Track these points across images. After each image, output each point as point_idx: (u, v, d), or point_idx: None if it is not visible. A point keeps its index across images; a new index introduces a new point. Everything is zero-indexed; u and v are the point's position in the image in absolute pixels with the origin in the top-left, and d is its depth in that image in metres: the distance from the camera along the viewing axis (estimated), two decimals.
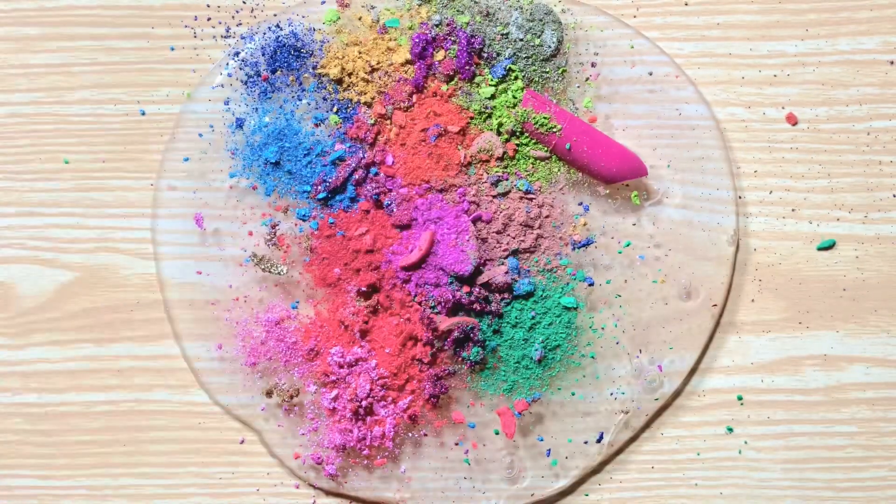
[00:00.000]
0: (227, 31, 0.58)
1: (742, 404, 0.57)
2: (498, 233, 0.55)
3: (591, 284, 0.56)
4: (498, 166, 0.55)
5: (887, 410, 0.56)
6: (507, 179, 0.55)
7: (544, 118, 0.55)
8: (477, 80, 0.56)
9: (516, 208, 0.55)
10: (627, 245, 0.56)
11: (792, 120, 0.58)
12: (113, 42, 0.58)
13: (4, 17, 0.59)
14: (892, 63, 0.58)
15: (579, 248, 0.56)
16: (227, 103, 0.57)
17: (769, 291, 0.57)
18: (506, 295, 0.55)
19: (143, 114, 0.58)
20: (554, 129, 0.55)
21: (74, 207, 0.58)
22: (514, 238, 0.55)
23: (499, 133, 0.55)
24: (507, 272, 0.54)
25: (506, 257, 0.55)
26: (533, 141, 0.55)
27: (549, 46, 0.56)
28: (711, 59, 0.58)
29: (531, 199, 0.55)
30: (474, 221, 0.55)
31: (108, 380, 0.57)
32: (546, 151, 0.56)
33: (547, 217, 0.56)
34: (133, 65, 0.58)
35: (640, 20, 0.58)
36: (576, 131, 0.55)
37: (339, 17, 0.57)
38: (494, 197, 0.55)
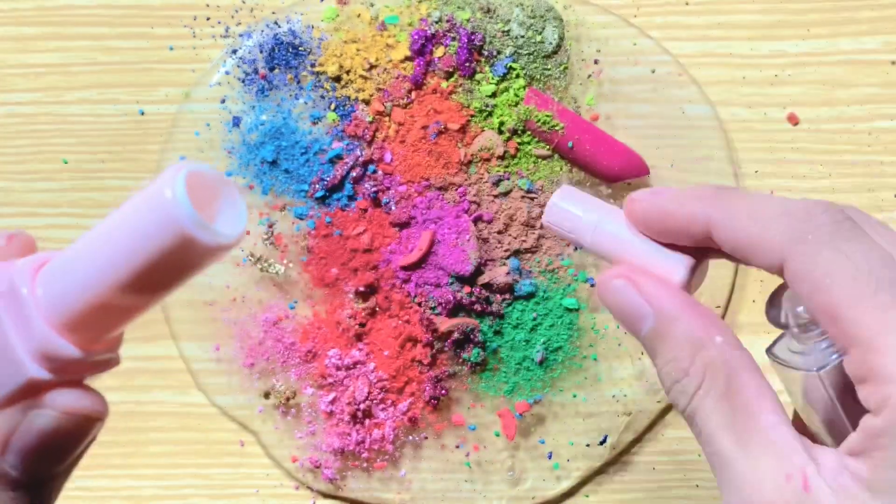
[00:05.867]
0: (227, 31, 0.56)
1: None
2: (499, 233, 0.52)
3: (594, 285, 0.53)
4: (499, 165, 0.53)
5: None
6: (508, 179, 0.53)
7: (547, 116, 0.52)
8: (477, 77, 0.53)
9: (517, 208, 0.52)
10: None
11: (793, 120, 0.55)
12: (112, 42, 0.56)
13: (3, 16, 0.56)
14: (893, 63, 0.56)
15: (581, 248, 0.53)
16: (223, 101, 0.54)
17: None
18: (507, 295, 0.52)
19: (143, 114, 0.56)
20: (556, 128, 0.52)
21: (73, 208, 0.55)
22: (515, 238, 0.52)
23: (500, 131, 0.53)
24: (508, 273, 0.52)
25: (507, 258, 0.52)
26: (535, 139, 0.53)
27: (551, 43, 0.53)
28: (712, 59, 0.56)
29: (533, 199, 0.53)
30: (475, 221, 0.52)
31: (107, 381, 0.54)
32: (548, 150, 0.53)
33: None
34: (132, 65, 0.56)
35: (640, 20, 0.56)
36: (578, 130, 0.52)
37: (338, 15, 0.55)
38: (496, 197, 0.53)
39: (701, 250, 0.36)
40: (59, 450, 0.28)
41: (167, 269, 0.25)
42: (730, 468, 0.32)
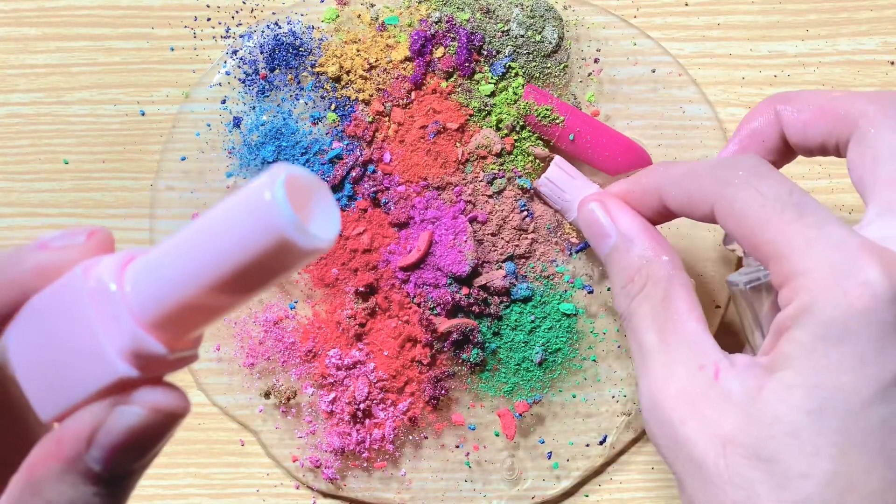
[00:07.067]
0: (227, 32, 0.55)
1: None
2: (493, 235, 0.52)
3: (591, 292, 0.53)
4: (494, 163, 0.52)
5: None
6: (502, 177, 0.52)
7: (547, 110, 0.52)
8: (477, 77, 0.53)
9: (511, 208, 0.52)
10: None
11: None
12: (112, 42, 0.56)
13: (4, 17, 0.56)
14: (892, 63, 0.55)
15: (577, 252, 0.53)
16: (223, 102, 0.54)
17: None
18: (504, 298, 0.52)
19: (143, 114, 0.55)
20: (556, 121, 0.52)
21: (74, 208, 0.55)
22: (508, 243, 0.52)
23: (498, 129, 0.52)
24: (505, 276, 0.52)
25: (503, 261, 0.52)
26: (534, 136, 0.52)
27: (551, 43, 0.53)
28: (712, 60, 0.56)
29: (529, 199, 0.52)
30: (471, 222, 0.52)
31: None
32: (545, 149, 0.53)
33: (540, 216, 0.53)
34: (133, 65, 0.56)
35: (640, 20, 0.56)
36: (579, 122, 0.52)
37: (339, 16, 0.54)
38: (489, 197, 0.52)
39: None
40: (143, 446, 0.28)
41: (262, 270, 0.25)
42: (650, 358, 0.37)
